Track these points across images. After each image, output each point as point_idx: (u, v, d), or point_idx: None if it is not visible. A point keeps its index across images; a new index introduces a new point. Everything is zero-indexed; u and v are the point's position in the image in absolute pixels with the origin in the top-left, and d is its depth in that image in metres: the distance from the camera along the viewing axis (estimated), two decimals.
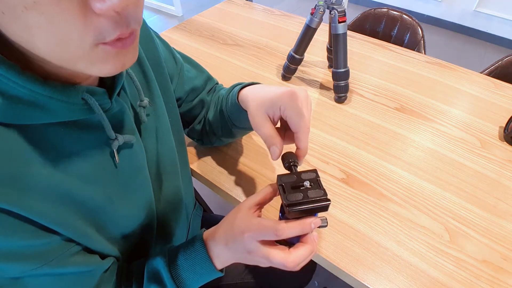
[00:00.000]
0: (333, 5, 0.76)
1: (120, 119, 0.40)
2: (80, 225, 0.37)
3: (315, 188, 0.40)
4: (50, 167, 0.33)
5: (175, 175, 0.54)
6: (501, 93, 0.89)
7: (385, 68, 0.98)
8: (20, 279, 0.34)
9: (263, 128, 0.45)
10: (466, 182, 0.67)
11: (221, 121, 0.60)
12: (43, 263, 0.34)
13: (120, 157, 0.40)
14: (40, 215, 0.32)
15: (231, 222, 0.44)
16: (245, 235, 0.40)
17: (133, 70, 0.47)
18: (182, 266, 0.44)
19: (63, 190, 0.34)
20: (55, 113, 0.32)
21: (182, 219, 0.60)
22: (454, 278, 0.53)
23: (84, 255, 0.39)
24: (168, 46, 0.59)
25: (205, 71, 0.67)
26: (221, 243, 0.44)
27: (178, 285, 0.44)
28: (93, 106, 0.34)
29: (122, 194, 0.42)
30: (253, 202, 0.44)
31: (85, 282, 0.40)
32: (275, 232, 0.39)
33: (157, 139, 0.49)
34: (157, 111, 0.50)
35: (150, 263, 0.46)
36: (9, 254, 0.32)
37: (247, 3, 1.32)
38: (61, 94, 0.31)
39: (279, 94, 0.45)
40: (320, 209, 0.39)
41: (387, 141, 0.75)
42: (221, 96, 0.61)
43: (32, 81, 0.29)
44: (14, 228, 0.31)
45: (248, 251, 0.41)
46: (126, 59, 0.30)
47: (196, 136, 0.70)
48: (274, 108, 0.45)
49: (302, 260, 0.40)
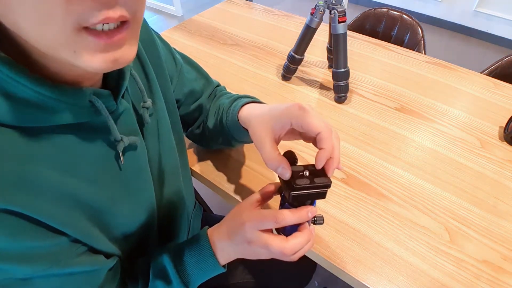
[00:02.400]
0: (333, 5, 0.76)
1: (124, 121, 0.41)
2: (86, 225, 0.37)
3: (321, 175, 0.41)
4: (57, 169, 0.33)
5: (176, 176, 0.55)
6: (501, 93, 0.89)
7: (385, 68, 0.98)
8: (30, 280, 0.34)
9: (265, 148, 0.43)
10: (466, 182, 0.67)
11: (221, 132, 0.59)
12: (52, 264, 0.35)
13: (125, 158, 0.41)
14: (49, 216, 0.32)
15: (233, 218, 0.46)
16: (246, 225, 0.42)
17: (136, 71, 0.47)
18: (187, 262, 0.45)
19: (70, 191, 0.34)
20: (62, 116, 0.32)
21: (183, 219, 0.60)
22: (454, 278, 0.53)
23: (90, 255, 0.39)
24: (169, 46, 0.59)
25: (205, 73, 0.66)
26: (224, 238, 0.45)
27: (183, 280, 0.45)
28: (100, 109, 0.34)
29: (125, 195, 0.42)
30: (254, 199, 0.46)
31: (92, 281, 0.41)
32: (275, 219, 0.41)
33: (159, 139, 0.49)
34: (159, 112, 0.50)
35: (155, 260, 0.47)
36: (19, 255, 0.32)
37: (247, 3, 1.32)
38: (68, 97, 0.31)
39: (288, 107, 0.43)
40: (320, 195, 0.41)
41: (387, 141, 0.75)
42: (222, 106, 0.60)
43: (40, 84, 0.29)
44: (24, 230, 0.31)
45: (249, 241, 0.42)
46: (118, 54, 0.28)
47: (195, 139, 0.70)
48: (284, 122, 0.43)
49: (299, 247, 0.42)
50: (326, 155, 0.41)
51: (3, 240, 0.30)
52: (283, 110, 0.43)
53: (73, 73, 0.32)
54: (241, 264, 0.76)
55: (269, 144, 0.43)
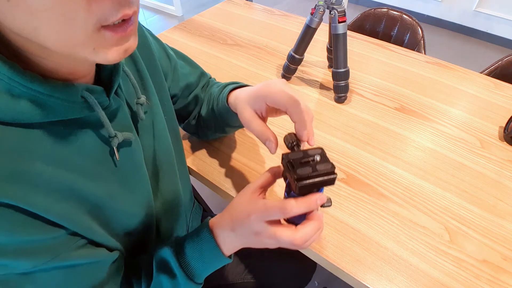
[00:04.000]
0: (333, 5, 0.76)
1: (118, 117, 0.41)
2: (85, 220, 0.37)
3: (322, 162, 0.39)
4: (53, 164, 0.33)
5: (172, 172, 0.55)
6: (501, 93, 0.89)
7: (385, 68, 0.98)
8: (30, 274, 0.34)
9: (252, 124, 0.48)
10: (466, 182, 0.67)
11: (214, 119, 0.62)
12: (52, 257, 0.35)
13: (120, 154, 0.41)
14: (46, 210, 0.33)
15: (236, 207, 0.44)
16: (252, 217, 0.40)
17: (128, 68, 0.47)
18: (190, 254, 0.44)
19: (66, 186, 0.35)
20: (55, 112, 0.32)
21: (181, 216, 0.60)
22: (454, 278, 0.53)
23: (91, 248, 0.40)
24: (161, 43, 0.60)
25: (198, 67, 0.68)
26: (227, 229, 0.44)
27: (187, 273, 0.44)
28: (93, 104, 0.35)
29: (122, 191, 0.42)
30: (256, 186, 0.44)
31: (95, 273, 0.41)
32: (281, 210, 0.38)
33: (154, 136, 0.50)
34: (153, 109, 0.50)
35: (157, 254, 0.46)
36: (17, 250, 0.32)
37: (247, 3, 1.32)
38: (61, 93, 0.32)
39: (257, 87, 0.48)
40: (328, 182, 0.39)
41: (387, 141, 0.75)
42: (213, 94, 0.63)
43: (32, 80, 0.30)
44: (22, 223, 0.31)
45: (256, 233, 0.41)
46: (128, 44, 0.30)
47: (191, 130, 0.72)
48: (259, 102, 0.48)
49: (310, 237, 0.40)
50: (299, 128, 0.44)
51: (1, 234, 0.30)
52: (256, 90, 0.48)
53: (66, 70, 0.33)
54: (241, 264, 0.76)
55: (255, 122, 0.47)
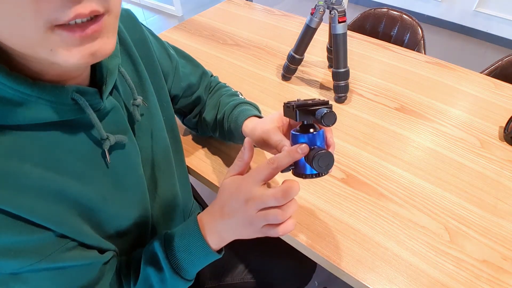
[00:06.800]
0: (333, 5, 0.76)
1: (113, 119, 0.40)
2: (76, 222, 0.37)
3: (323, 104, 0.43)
4: (42, 166, 0.33)
5: (170, 174, 0.55)
6: (501, 93, 0.89)
7: (385, 68, 0.98)
8: (19, 274, 0.34)
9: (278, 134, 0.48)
10: (466, 182, 0.67)
11: (221, 130, 0.65)
12: (40, 258, 0.35)
13: (113, 156, 0.40)
14: (31, 212, 0.32)
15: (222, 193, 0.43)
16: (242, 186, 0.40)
17: (126, 69, 0.47)
18: (177, 246, 0.43)
19: (56, 188, 0.34)
20: (44, 114, 0.32)
21: (178, 218, 0.60)
22: (454, 278, 0.53)
23: (82, 250, 0.39)
24: (162, 43, 0.59)
25: (199, 65, 0.68)
26: (216, 216, 0.42)
27: (173, 266, 0.43)
28: (83, 106, 0.34)
29: (115, 193, 0.42)
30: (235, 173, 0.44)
31: (85, 275, 0.41)
32: (269, 162, 0.39)
33: (152, 138, 0.49)
34: (151, 110, 0.50)
35: (147, 247, 0.46)
36: (3, 250, 0.32)
37: (247, 3, 1.32)
38: (49, 95, 0.31)
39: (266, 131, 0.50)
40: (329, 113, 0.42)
41: (387, 141, 0.75)
42: (223, 105, 0.64)
43: (20, 82, 0.29)
44: (6, 225, 0.31)
45: (246, 200, 0.39)
46: (95, 47, 0.28)
47: (191, 126, 0.73)
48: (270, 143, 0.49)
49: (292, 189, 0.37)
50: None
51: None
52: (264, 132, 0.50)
53: (54, 71, 0.32)
54: (241, 264, 0.76)
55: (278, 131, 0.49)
